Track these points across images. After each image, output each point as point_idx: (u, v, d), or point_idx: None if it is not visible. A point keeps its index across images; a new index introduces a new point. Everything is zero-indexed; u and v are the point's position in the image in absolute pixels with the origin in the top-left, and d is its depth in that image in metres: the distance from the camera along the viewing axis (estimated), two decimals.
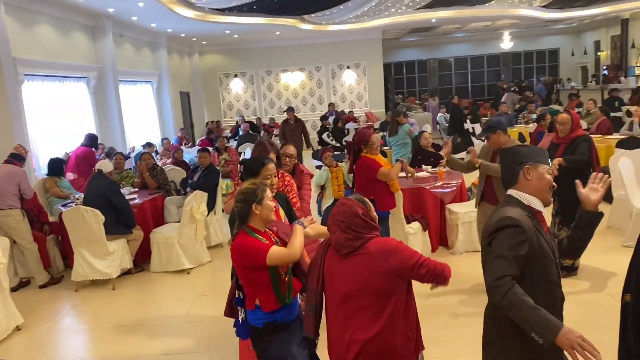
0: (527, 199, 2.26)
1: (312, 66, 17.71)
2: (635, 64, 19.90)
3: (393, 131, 8.40)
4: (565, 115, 5.04)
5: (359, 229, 2.39)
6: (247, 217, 2.68)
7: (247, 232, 2.66)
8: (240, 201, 2.68)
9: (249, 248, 2.59)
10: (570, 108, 14.26)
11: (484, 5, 12.89)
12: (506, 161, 2.37)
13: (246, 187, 2.72)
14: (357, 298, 2.35)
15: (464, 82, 25.56)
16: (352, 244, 2.38)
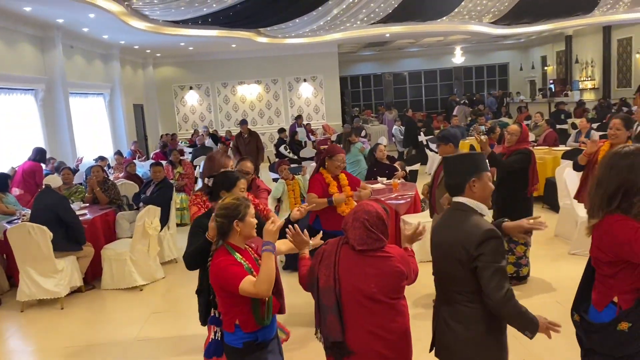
0: (479, 207, 2.40)
1: (268, 79, 17.73)
2: (579, 78, 20.84)
3: (345, 150, 8.53)
4: (516, 126, 5.18)
5: (379, 231, 2.46)
6: (227, 233, 2.58)
7: (227, 250, 2.57)
8: (221, 216, 2.58)
9: (225, 273, 2.50)
10: (519, 121, 14.77)
11: (435, 21, 13.24)
12: (451, 172, 2.49)
13: (229, 202, 2.61)
14: (381, 296, 2.42)
15: (418, 95, 26.13)
16: (372, 242, 2.44)
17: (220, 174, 3.15)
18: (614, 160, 2.22)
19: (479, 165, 2.43)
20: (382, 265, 2.43)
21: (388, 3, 11.49)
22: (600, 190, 2.23)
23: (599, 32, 18.89)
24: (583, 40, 20.58)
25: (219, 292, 2.58)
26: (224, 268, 2.50)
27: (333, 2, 10.87)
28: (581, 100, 17.28)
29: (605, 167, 2.24)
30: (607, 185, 2.20)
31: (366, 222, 2.44)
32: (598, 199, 2.23)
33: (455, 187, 2.44)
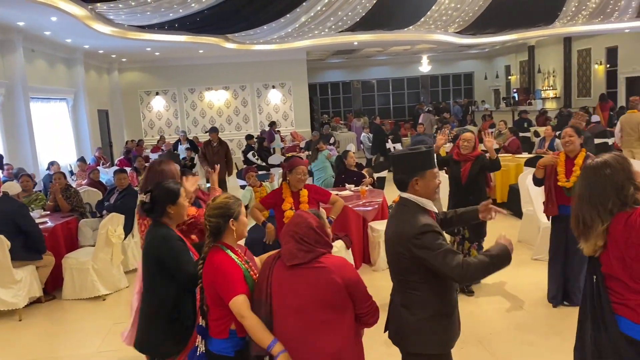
0: (422, 202, 2.54)
1: (237, 85, 17.64)
2: (541, 87, 21.43)
3: (313, 157, 8.62)
4: (470, 134, 5.36)
5: (311, 242, 2.34)
6: (221, 233, 2.50)
7: (224, 250, 2.48)
8: (215, 216, 2.49)
9: (229, 274, 2.40)
10: (483, 129, 15.08)
11: (402, 30, 13.41)
12: (396, 169, 2.61)
13: (222, 201, 2.53)
14: (313, 311, 2.30)
15: (386, 103, 26.42)
16: (304, 255, 2.33)
17: (160, 188, 2.89)
18: (595, 172, 2.31)
19: (424, 163, 2.53)
20: (314, 277, 2.30)
21: (356, 12, 11.58)
22: (594, 203, 2.28)
23: (560, 43, 19.48)
24: (545, 50, 21.19)
25: (213, 295, 2.45)
26: (225, 270, 2.41)
27: (301, 9, 10.90)
28: (543, 109, 17.76)
29: (590, 182, 2.32)
30: (600, 196, 2.27)
31: (295, 236, 2.35)
32: (594, 213, 2.27)
33: (400, 184, 2.58)
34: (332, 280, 2.28)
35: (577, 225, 2.35)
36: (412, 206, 2.52)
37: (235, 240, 2.56)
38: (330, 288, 2.28)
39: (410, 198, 2.54)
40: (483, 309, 4.90)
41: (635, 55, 16.99)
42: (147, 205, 2.84)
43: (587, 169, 2.37)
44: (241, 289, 2.38)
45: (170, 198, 2.86)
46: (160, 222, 2.86)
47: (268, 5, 10.42)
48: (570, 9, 12.91)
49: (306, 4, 10.68)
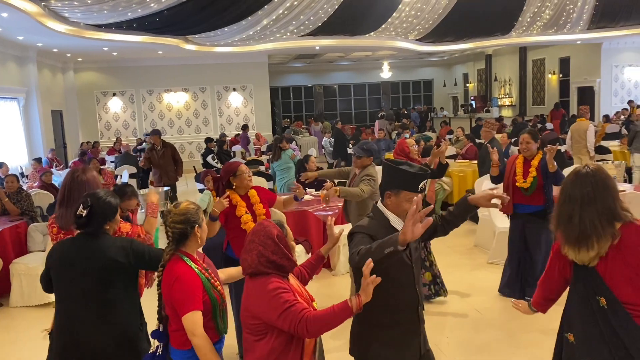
0: (390, 218, 2.50)
1: (196, 87, 17.41)
2: (498, 95, 22.01)
3: (276, 157, 8.48)
4: (411, 140, 5.41)
5: (268, 253, 2.21)
6: (186, 239, 2.45)
7: (182, 259, 2.43)
8: (180, 222, 2.43)
9: (187, 288, 2.33)
10: (441, 135, 15.37)
11: (364, 36, 13.55)
12: (383, 175, 2.58)
13: (186, 208, 2.48)
14: (245, 321, 2.26)
15: (348, 108, 26.60)
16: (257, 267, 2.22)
17: (101, 203, 2.65)
18: (603, 177, 2.25)
19: (403, 183, 2.45)
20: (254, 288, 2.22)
21: (318, 16, 11.63)
22: (602, 208, 2.19)
23: (515, 53, 20.07)
24: (501, 59, 21.79)
25: (170, 306, 2.39)
26: (184, 283, 2.34)
27: (263, 12, 10.87)
28: (500, 117, 18.24)
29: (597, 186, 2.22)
30: (607, 201, 2.20)
31: (251, 244, 2.27)
32: (604, 219, 2.18)
33: (380, 191, 2.58)
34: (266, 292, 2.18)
35: (576, 233, 2.22)
36: (378, 217, 2.50)
37: (196, 247, 2.52)
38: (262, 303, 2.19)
39: (380, 208, 2.52)
40: (438, 312, 4.97)
41: (586, 65, 17.69)
42: (83, 220, 2.60)
43: (594, 174, 2.25)
44: (197, 306, 2.32)
45: (110, 215, 2.70)
46: (98, 233, 2.67)
47: (229, 7, 10.35)
48: (526, 20, 13.33)
49: (268, 7, 10.66)
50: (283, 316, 2.11)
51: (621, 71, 17.37)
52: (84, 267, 2.61)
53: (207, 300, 2.39)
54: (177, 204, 2.53)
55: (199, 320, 2.31)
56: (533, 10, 12.80)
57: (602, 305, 2.21)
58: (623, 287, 2.19)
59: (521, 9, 12.70)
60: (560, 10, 12.83)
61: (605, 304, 2.20)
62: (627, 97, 17.14)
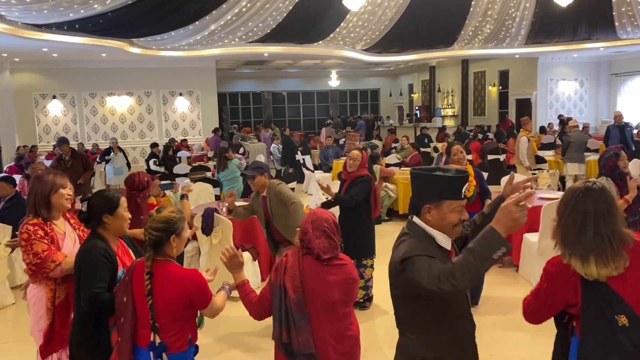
0: (432, 233, 2.11)
1: (141, 91, 17.01)
2: (441, 106, 22.69)
3: (222, 166, 8.32)
4: (357, 152, 5.13)
5: (336, 238, 2.50)
6: (161, 247, 2.46)
7: (172, 262, 2.50)
8: (159, 230, 2.44)
9: (203, 283, 2.47)
10: (387, 143, 15.69)
11: (312, 44, 13.66)
12: (414, 187, 2.20)
13: (167, 216, 2.47)
14: (342, 306, 2.47)
15: (297, 115, 26.71)
16: (334, 251, 2.48)
17: (98, 196, 2.74)
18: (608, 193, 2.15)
19: (446, 191, 2.07)
20: (342, 273, 2.47)
21: (266, 23, 11.65)
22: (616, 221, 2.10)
23: (458, 65, 20.78)
24: (445, 71, 22.50)
25: (179, 305, 2.40)
26: (200, 277, 2.47)
27: (211, 17, 10.77)
28: (443, 126, 18.81)
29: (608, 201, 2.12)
30: (617, 215, 2.12)
31: (327, 230, 2.47)
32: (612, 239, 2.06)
33: (413, 207, 2.18)
34: (353, 275, 2.50)
35: (587, 245, 2.07)
36: (421, 235, 2.09)
37: (173, 255, 2.53)
38: (352, 283, 2.49)
39: (420, 225, 2.10)
40: (384, 318, 5.05)
41: (523, 78, 18.53)
42: (84, 215, 2.69)
43: (605, 191, 2.15)
44: (211, 294, 2.52)
45: (107, 207, 2.69)
46: (95, 232, 2.69)
47: (176, 11, 10.20)
48: (468, 34, 13.83)
49: (216, 12, 10.58)
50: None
51: (555, 84, 18.30)
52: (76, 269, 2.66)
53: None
54: (161, 210, 2.52)
55: (219, 303, 2.56)
56: (475, 25, 13.31)
57: (622, 324, 2.02)
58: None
59: (463, 23, 13.18)
60: (500, 25, 13.41)
61: (626, 322, 2.02)
62: (560, 110, 18.07)
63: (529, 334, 4.24)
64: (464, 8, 12.51)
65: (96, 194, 2.79)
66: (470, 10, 12.59)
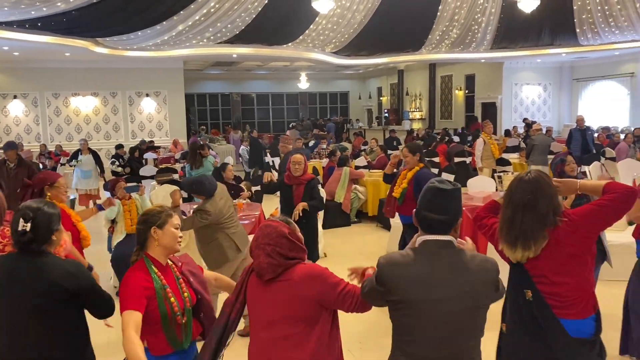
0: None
1: (107, 91, 16.67)
2: (409, 109, 22.95)
3: (197, 164, 8.11)
4: (299, 155, 5.14)
5: (284, 251, 2.25)
6: (144, 242, 2.41)
7: (145, 263, 2.39)
8: (140, 222, 2.43)
9: (125, 290, 2.29)
10: (355, 146, 15.79)
11: (281, 46, 13.64)
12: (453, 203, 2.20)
13: (149, 209, 2.49)
14: (281, 325, 2.23)
15: (266, 117, 26.62)
16: (275, 269, 2.24)
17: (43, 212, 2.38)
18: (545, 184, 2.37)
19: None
20: (285, 293, 2.24)
21: (235, 24, 11.58)
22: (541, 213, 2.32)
23: (426, 69, 21.06)
24: (413, 75, 22.78)
25: None
26: (130, 283, 2.31)
27: (178, 18, 10.65)
28: (412, 129, 19.05)
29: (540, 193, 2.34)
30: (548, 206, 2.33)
31: (267, 248, 2.25)
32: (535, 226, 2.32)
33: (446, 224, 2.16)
34: (301, 292, 2.21)
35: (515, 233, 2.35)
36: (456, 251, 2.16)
37: (163, 253, 2.44)
38: (299, 301, 2.22)
39: (452, 240, 2.16)
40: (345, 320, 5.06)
41: (489, 83, 18.91)
42: (29, 236, 2.31)
43: (536, 180, 2.37)
44: (132, 305, 2.23)
45: (56, 224, 2.42)
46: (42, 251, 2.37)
47: (143, 11, 10.05)
48: (435, 38, 14.04)
49: (184, 12, 10.47)
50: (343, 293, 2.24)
51: (520, 89, 18.73)
52: (20, 293, 2.28)
53: (154, 310, 2.32)
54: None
55: (131, 320, 2.20)
56: (442, 29, 13.52)
57: (528, 298, 2.37)
58: (547, 282, 2.35)
59: (431, 27, 13.38)
60: (466, 30, 13.65)
61: (530, 297, 2.36)
62: (525, 113, 18.50)
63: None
64: (432, 13, 12.70)
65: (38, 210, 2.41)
66: (437, 15, 12.79)
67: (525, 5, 9.47)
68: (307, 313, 2.22)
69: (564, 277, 2.34)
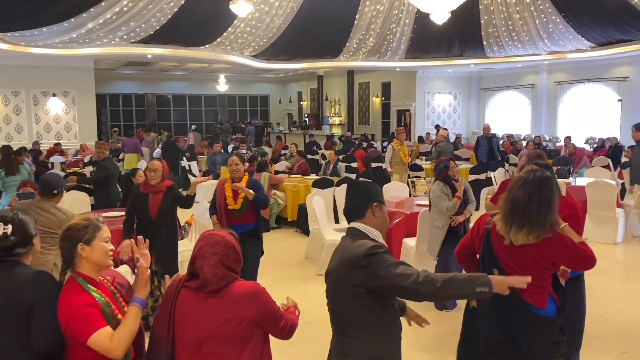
0: (373, 233, 2.33)
1: (8, 90, 15.49)
2: (328, 114, 23.28)
3: (14, 170, 7.25)
4: (157, 162, 4.93)
5: (230, 262, 2.16)
6: (72, 260, 2.18)
7: (78, 282, 2.14)
8: (64, 239, 2.20)
9: (78, 314, 2.05)
10: (276, 150, 15.78)
11: (198, 48, 13.35)
12: (355, 195, 2.42)
13: (72, 224, 2.24)
14: (212, 344, 2.10)
15: (183, 119, 25.93)
16: (219, 281, 2.12)
17: (23, 219, 2.25)
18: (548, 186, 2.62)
19: (382, 197, 2.43)
20: (220, 310, 2.11)
21: (150, 24, 11.19)
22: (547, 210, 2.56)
23: (344, 75, 21.47)
24: (332, 81, 23.13)
25: (69, 335, 2.10)
26: (76, 307, 2.06)
27: (88, 15, 10.13)
28: (332, 134, 19.32)
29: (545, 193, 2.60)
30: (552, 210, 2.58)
31: (214, 257, 2.14)
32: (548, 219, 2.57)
33: (355, 210, 2.37)
34: (238, 315, 2.12)
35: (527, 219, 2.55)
36: (360, 234, 2.32)
37: (94, 270, 2.22)
38: (235, 322, 2.11)
39: (361, 228, 2.34)
40: None
41: (404, 90, 19.60)
42: (11, 241, 2.19)
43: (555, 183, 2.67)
44: (100, 324, 2.08)
45: (33, 229, 2.30)
46: (18, 261, 2.23)
47: (48, 6, 9.46)
48: (352, 46, 14.34)
49: (94, 9, 9.97)
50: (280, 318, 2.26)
51: (432, 97, 19.56)
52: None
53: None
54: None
55: (107, 332, 2.07)
56: (359, 37, 13.84)
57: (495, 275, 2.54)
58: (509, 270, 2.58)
59: (348, 35, 13.65)
60: (382, 40, 14.06)
61: (497, 274, 2.54)
62: (437, 121, 19.34)
63: None
64: (349, 21, 12.96)
65: (16, 213, 2.32)
66: (354, 23, 13.07)
67: (437, 18, 9.89)
68: (242, 333, 2.14)
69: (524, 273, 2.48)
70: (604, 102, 15.52)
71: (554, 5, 11.48)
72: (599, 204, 7.71)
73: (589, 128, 15.43)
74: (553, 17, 11.90)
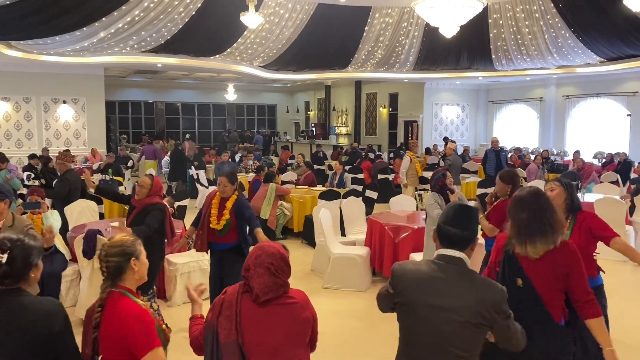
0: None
1: (20, 97, 15.66)
2: (335, 124, 23.32)
3: None
4: (147, 179, 4.86)
5: (283, 275, 2.25)
6: (121, 274, 2.23)
7: (127, 296, 2.20)
8: (116, 255, 2.23)
9: (147, 325, 2.13)
10: (282, 159, 15.82)
11: (208, 58, 13.45)
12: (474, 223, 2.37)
13: (120, 239, 2.29)
14: (289, 350, 2.21)
15: (191, 127, 26.06)
16: (277, 290, 2.22)
17: (22, 246, 2.11)
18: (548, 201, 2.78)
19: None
20: (288, 314, 2.23)
21: (160, 34, 11.29)
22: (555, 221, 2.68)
23: (352, 86, 21.52)
24: (339, 91, 23.19)
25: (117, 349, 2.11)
26: (143, 319, 2.13)
27: (100, 24, 10.24)
28: (338, 144, 19.36)
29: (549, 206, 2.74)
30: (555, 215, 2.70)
31: (271, 267, 2.22)
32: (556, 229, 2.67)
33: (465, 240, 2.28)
34: (305, 317, 2.27)
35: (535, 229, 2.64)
36: (470, 273, 2.27)
37: (136, 283, 2.30)
38: (304, 325, 2.27)
39: (465, 259, 2.27)
40: None
41: (411, 102, 19.62)
42: (4, 269, 2.04)
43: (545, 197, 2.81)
44: (157, 342, 2.15)
45: (34, 259, 2.15)
46: (18, 289, 2.10)
47: (62, 15, 9.58)
48: (361, 57, 14.40)
49: (106, 19, 10.09)
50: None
51: (440, 109, 19.56)
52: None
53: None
54: (112, 237, 2.35)
55: (163, 356, 2.16)
56: (367, 49, 13.90)
57: (519, 285, 2.66)
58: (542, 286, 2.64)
59: (357, 47, 13.72)
60: (391, 52, 14.11)
61: (521, 284, 2.65)
62: (444, 132, 19.33)
63: None
64: (358, 33, 13.03)
65: (17, 242, 2.14)
66: (363, 35, 13.13)
67: (446, 31, 9.92)
68: (306, 336, 2.29)
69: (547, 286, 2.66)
70: (613, 116, 15.47)
71: (563, 20, 11.49)
72: (608, 221, 7.57)
73: (597, 143, 15.38)
74: (562, 32, 11.90)
